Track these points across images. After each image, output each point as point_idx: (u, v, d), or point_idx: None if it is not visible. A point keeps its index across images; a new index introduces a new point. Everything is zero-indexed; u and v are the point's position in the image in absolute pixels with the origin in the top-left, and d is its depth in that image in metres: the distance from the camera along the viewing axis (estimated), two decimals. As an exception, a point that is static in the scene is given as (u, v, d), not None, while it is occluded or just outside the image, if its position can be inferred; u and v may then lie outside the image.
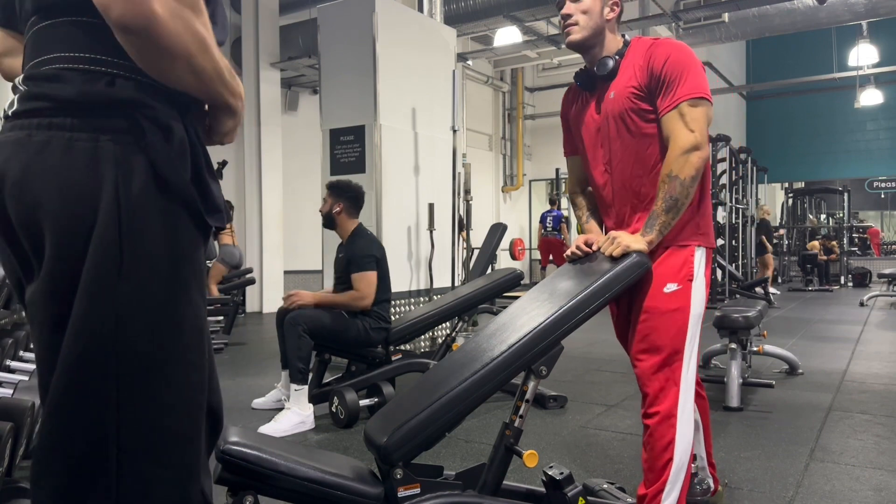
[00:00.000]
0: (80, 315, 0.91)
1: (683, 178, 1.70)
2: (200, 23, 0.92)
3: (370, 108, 4.94)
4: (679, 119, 1.73)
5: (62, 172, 0.92)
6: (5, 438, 1.61)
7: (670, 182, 1.72)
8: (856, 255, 14.08)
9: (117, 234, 0.92)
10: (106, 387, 0.92)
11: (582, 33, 1.84)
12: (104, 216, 0.91)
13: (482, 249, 8.19)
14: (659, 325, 1.76)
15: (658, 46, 1.80)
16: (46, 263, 0.93)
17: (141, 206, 0.94)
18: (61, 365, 0.92)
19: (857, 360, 4.80)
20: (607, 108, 1.86)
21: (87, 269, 0.91)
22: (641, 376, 1.78)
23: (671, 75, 1.74)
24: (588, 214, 2.07)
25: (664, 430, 1.73)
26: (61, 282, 0.92)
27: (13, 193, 0.94)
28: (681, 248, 1.81)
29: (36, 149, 0.92)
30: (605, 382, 4.17)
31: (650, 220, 1.77)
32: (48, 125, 0.93)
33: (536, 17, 8.28)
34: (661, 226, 1.74)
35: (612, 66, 1.84)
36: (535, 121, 14.78)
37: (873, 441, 2.87)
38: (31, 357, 2.52)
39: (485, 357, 1.68)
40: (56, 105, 0.93)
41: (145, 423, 0.95)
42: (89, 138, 0.92)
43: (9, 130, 0.96)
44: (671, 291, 1.77)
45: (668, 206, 1.72)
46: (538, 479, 1.90)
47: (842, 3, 7.71)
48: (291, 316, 3.25)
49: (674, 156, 1.72)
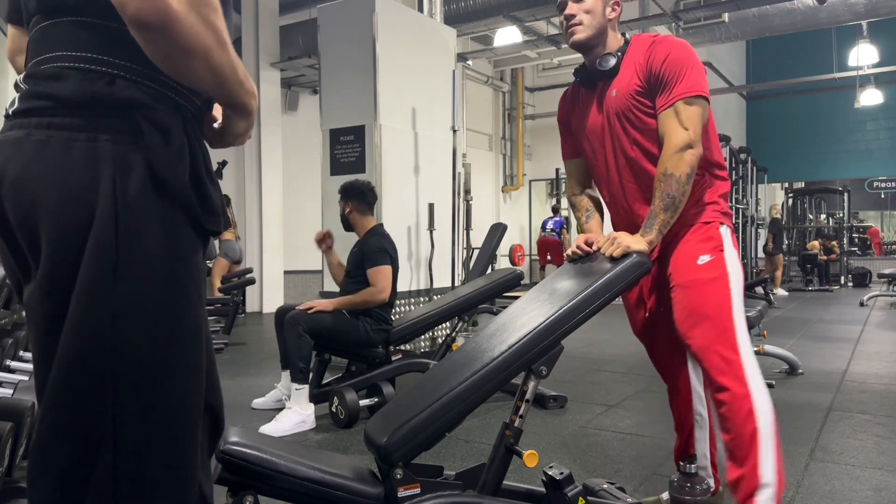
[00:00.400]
0: (77, 315, 0.91)
1: (679, 176, 1.71)
2: (217, 18, 0.91)
3: (370, 108, 4.94)
4: (674, 117, 1.74)
5: (60, 172, 0.91)
6: (5, 438, 1.61)
7: (666, 180, 1.72)
8: (856, 255, 14.08)
9: (114, 235, 0.91)
10: (102, 387, 0.92)
11: (586, 33, 1.85)
12: (101, 216, 0.91)
13: (482, 249, 8.18)
14: (702, 295, 1.75)
15: (658, 44, 1.80)
16: (43, 263, 0.92)
17: (138, 207, 0.93)
18: (57, 365, 0.92)
19: (857, 360, 4.80)
20: (609, 106, 1.87)
21: (83, 269, 0.91)
22: (698, 352, 1.73)
23: (669, 73, 1.75)
24: (588, 214, 2.07)
25: (739, 401, 1.67)
26: (58, 282, 0.92)
27: (11, 193, 0.93)
28: (705, 224, 1.83)
29: (35, 148, 0.92)
30: (605, 382, 4.17)
31: (649, 219, 1.77)
32: (47, 124, 0.93)
33: (536, 17, 8.28)
34: (660, 224, 1.74)
35: (615, 64, 1.84)
36: (535, 121, 14.78)
37: (873, 441, 2.87)
38: (32, 357, 2.52)
39: (485, 357, 1.68)
40: (56, 104, 0.93)
41: (141, 424, 0.94)
42: (88, 138, 0.92)
43: (8, 129, 0.96)
44: (705, 262, 1.77)
45: (665, 204, 1.73)
46: (538, 479, 1.90)
47: (842, 3, 7.71)
48: (291, 315, 3.25)
49: (668, 154, 1.73)
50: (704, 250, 1.79)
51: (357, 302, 3.42)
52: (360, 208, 3.62)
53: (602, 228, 2.03)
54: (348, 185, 3.67)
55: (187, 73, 0.92)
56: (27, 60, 1.00)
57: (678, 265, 1.82)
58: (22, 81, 0.98)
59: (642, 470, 2.57)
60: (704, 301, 1.75)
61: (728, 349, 1.71)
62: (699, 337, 1.74)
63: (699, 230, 1.83)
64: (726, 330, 1.73)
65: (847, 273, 13.00)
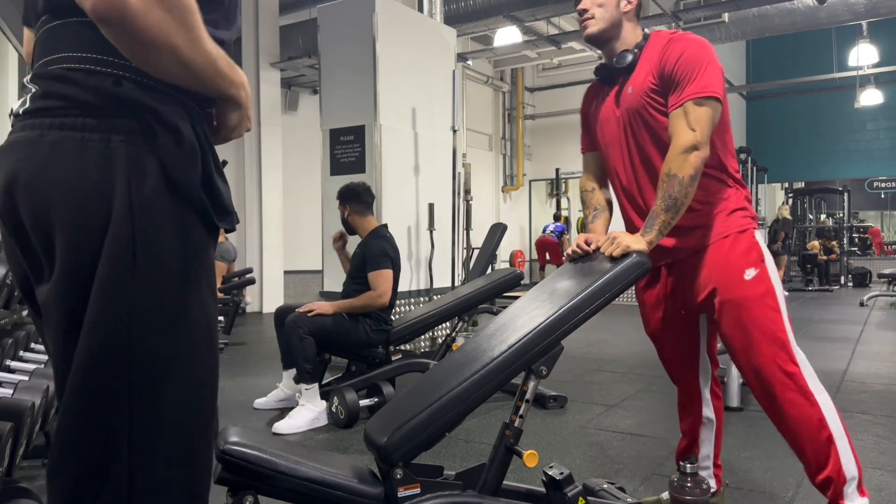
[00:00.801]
0: (95, 314, 0.92)
1: (682, 178, 1.69)
2: (187, 13, 0.89)
3: (370, 108, 4.94)
4: (683, 118, 1.72)
5: (75, 172, 0.92)
6: (5, 438, 1.61)
7: (669, 181, 1.71)
8: (856, 255, 14.07)
9: (130, 234, 0.92)
10: (119, 386, 0.93)
11: (598, 26, 1.83)
12: (118, 216, 0.92)
13: (482, 249, 8.18)
14: (754, 311, 1.76)
15: (674, 42, 1.78)
16: (60, 263, 0.93)
17: (153, 207, 0.94)
18: (76, 364, 0.93)
19: (857, 360, 4.80)
20: (626, 103, 1.85)
21: (101, 269, 0.92)
22: (758, 369, 1.75)
23: (682, 73, 1.73)
24: (595, 214, 2.04)
25: (808, 415, 1.71)
26: (75, 281, 0.93)
27: (25, 193, 0.94)
28: (740, 234, 1.81)
29: (48, 149, 0.92)
30: (605, 382, 4.17)
31: (650, 219, 1.76)
32: (60, 125, 0.93)
33: (536, 17, 8.28)
34: (660, 225, 1.73)
35: (632, 60, 1.83)
36: (535, 121, 14.77)
37: (873, 441, 2.87)
38: (32, 357, 2.52)
39: (485, 357, 1.68)
40: (68, 105, 0.93)
41: (158, 421, 0.95)
42: (101, 139, 0.92)
43: (20, 130, 0.96)
44: (752, 277, 1.77)
45: (667, 205, 1.71)
46: (538, 479, 1.90)
47: (842, 3, 7.71)
48: (292, 318, 3.25)
49: (673, 154, 1.71)
50: (749, 263, 1.78)
51: (357, 306, 3.42)
52: (359, 209, 3.63)
53: (607, 229, 2.01)
54: (343, 189, 3.68)
55: (156, 67, 0.92)
56: (34, 61, 1.00)
57: (725, 279, 1.79)
58: (29, 82, 0.98)
59: (642, 470, 2.57)
60: (758, 317, 1.75)
61: (788, 362, 1.73)
62: (758, 354, 1.74)
63: (738, 241, 1.81)
64: (783, 343, 1.74)
65: (847, 273, 12.99)
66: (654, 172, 1.84)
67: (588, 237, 1.92)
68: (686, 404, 2.08)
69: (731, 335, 1.80)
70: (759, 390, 1.79)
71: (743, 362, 1.79)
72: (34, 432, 1.97)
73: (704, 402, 2.04)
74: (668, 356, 2.06)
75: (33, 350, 2.65)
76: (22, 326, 2.66)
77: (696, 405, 2.05)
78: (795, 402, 1.72)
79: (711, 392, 2.06)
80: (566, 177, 14.07)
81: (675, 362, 2.06)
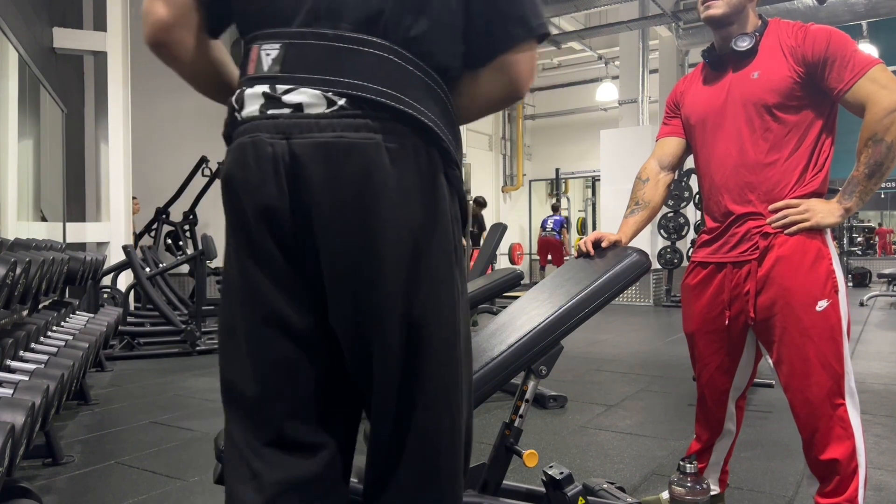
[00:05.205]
0: (436, 307, 1.00)
1: (890, 142, 1.59)
2: None
3: (370, 108, 4.92)
4: (873, 82, 1.61)
5: (418, 182, 0.97)
6: (5, 438, 1.61)
7: (875, 146, 1.60)
8: (856, 255, 14.07)
9: (453, 250, 1.02)
10: (458, 373, 1.04)
11: (723, 9, 1.74)
12: (443, 229, 1.00)
13: (482, 249, 8.18)
14: (820, 345, 1.67)
15: (812, 30, 1.69)
16: (390, 268, 0.96)
17: (457, 221, 1.05)
18: (434, 358, 1.00)
19: (857, 360, 4.79)
20: (745, 89, 1.75)
21: (432, 273, 0.99)
22: (810, 401, 1.69)
23: (839, 53, 1.64)
24: (634, 209, 1.97)
25: (845, 444, 1.68)
26: (408, 281, 0.97)
27: (342, 200, 0.94)
28: (818, 259, 1.70)
29: (388, 158, 0.94)
30: (605, 382, 4.17)
31: (849, 185, 1.68)
32: (388, 131, 0.95)
33: (536, 17, 8.26)
34: (861, 193, 1.66)
35: (753, 44, 1.74)
36: (535, 121, 14.78)
37: (873, 441, 2.87)
38: (32, 357, 2.51)
39: (484, 357, 1.68)
40: (388, 115, 0.96)
41: (468, 408, 1.09)
42: (428, 151, 0.98)
43: (334, 129, 0.94)
44: (823, 309, 1.68)
45: (871, 170, 1.62)
46: (538, 479, 1.90)
47: (842, 3, 7.72)
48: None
49: (877, 117, 1.59)
50: (824, 293, 1.68)
51: None
52: None
53: (637, 231, 1.95)
54: None
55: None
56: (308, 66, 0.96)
57: (794, 305, 1.70)
58: (335, 94, 0.95)
59: (642, 470, 2.57)
60: (822, 351, 1.68)
61: (838, 396, 1.68)
62: (813, 386, 1.69)
63: (816, 267, 1.70)
64: (839, 378, 1.68)
65: (847, 273, 13.00)
66: (755, 163, 1.74)
67: (601, 235, 1.90)
68: (708, 411, 1.98)
69: (787, 361, 1.72)
70: (803, 418, 1.73)
71: (794, 389, 1.72)
72: (34, 432, 1.97)
73: (728, 415, 1.97)
74: (706, 360, 1.93)
75: (33, 350, 2.65)
76: (22, 326, 2.66)
77: (719, 413, 1.97)
78: (838, 435, 1.68)
79: (737, 405, 1.99)
80: (566, 177, 14.08)
81: (711, 367, 1.93)
